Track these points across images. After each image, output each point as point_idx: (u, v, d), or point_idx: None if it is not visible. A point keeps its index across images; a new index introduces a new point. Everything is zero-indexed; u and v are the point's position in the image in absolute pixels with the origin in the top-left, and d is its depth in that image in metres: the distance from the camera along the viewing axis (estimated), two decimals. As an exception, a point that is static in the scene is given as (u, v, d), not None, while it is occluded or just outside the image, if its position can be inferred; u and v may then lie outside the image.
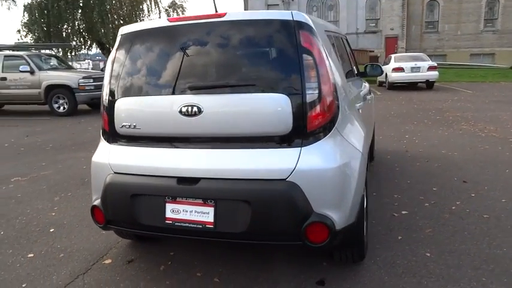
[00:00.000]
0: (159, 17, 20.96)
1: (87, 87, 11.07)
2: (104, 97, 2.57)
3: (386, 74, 15.69)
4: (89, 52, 22.56)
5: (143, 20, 20.15)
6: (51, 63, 12.31)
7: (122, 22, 18.81)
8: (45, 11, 17.50)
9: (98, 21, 17.58)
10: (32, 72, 10.98)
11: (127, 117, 2.45)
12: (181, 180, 2.27)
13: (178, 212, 2.28)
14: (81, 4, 18.13)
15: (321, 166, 2.15)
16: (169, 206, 2.30)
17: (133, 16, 19.79)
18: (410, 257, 2.72)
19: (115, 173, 2.46)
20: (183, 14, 21.67)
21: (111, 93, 2.52)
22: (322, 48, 2.25)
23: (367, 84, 4.38)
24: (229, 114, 2.22)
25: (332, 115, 2.23)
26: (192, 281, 2.58)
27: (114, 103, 2.49)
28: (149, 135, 2.41)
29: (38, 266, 2.88)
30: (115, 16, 19.06)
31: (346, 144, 2.29)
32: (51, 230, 3.46)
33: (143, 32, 2.47)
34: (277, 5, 29.75)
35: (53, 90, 10.96)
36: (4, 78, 11.17)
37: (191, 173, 2.26)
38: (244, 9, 29.74)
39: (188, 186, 2.24)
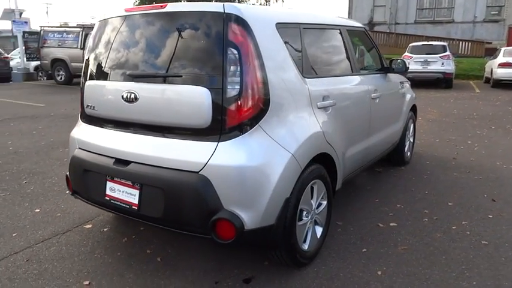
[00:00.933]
0: (257, 2, 21.19)
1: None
2: (81, 78, 2.83)
3: (492, 69, 13.87)
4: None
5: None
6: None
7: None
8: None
9: None
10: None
11: (89, 99, 2.67)
12: (117, 161, 2.43)
13: (114, 190, 2.45)
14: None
15: (234, 163, 2.11)
16: (108, 184, 2.48)
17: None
18: (357, 272, 2.51)
19: (79, 148, 2.72)
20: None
21: (84, 75, 2.77)
22: (254, 42, 2.16)
23: (393, 82, 4.00)
24: (158, 103, 2.29)
25: (255, 112, 2.15)
26: (139, 256, 2.75)
27: (84, 84, 2.73)
28: (102, 117, 2.61)
29: (35, 220, 3.34)
30: None
31: (270, 144, 2.19)
32: (66, 192, 3.94)
33: (108, 20, 2.64)
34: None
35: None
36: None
37: (124, 156, 2.40)
38: (349, 7, 28.51)
39: (122, 168, 2.39)
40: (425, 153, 5.35)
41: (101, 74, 2.62)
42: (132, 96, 2.36)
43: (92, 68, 2.69)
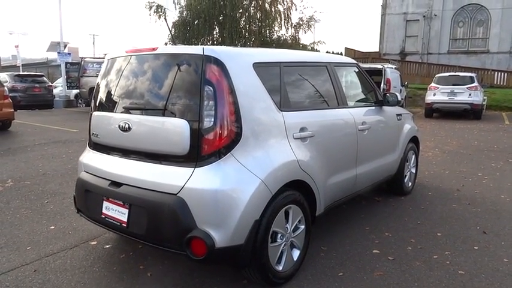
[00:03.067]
0: (287, 33, 21.88)
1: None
2: (90, 109, 3.22)
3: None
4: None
5: (272, 35, 21.40)
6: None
7: (253, 38, 20.36)
8: (188, 27, 20.21)
9: (228, 36, 19.46)
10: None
11: (94, 128, 3.05)
12: (112, 183, 2.75)
13: (109, 209, 2.76)
14: (215, 22, 20.31)
15: (207, 187, 2.37)
16: (105, 203, 2.80)
17: (264, 31, 21.12)
18: (327, 294, 2.66)
19: (84, 171, 3.09)
20: (309, 30, 22.25)
21: (93, 106, 3.16)
22: (228, 80, 2.46)
23: (387, 114, 4.17)
24: (146, 132, 2.63)
25: (228, 142, 2.43)
26: (131, 271, 3.02)
27: (91, 115, 3.12)
28: (103, 143, 2.97)
29: (49, 236, 3.70)
30: (247, 33, 20.70)
31: (241, 170, 2.44)
32: (79, 211, 4.32)
33: (113, 59, 3.04)
34: (418, 20, 27.97)
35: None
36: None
37: (118, 178, 2.72)
38: (381, 26, 28.75)
39: (115, 189, 2.71)
40: (430, 184, 5.38)
41: (104, 106, 3.00)
42: (126, 126, 2.71)
43: (98, 100, 3.08)
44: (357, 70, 4.02)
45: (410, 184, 4.93)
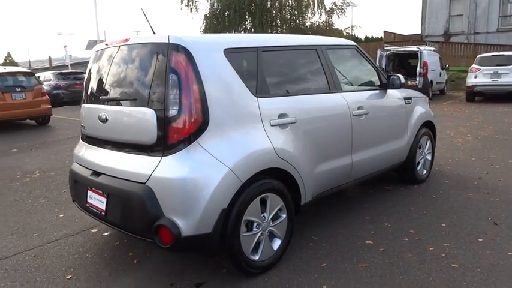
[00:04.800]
0: (320, 19, 21.37)
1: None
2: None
3: None
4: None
5: (305, 21, 20.99)
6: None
7: (284, 26, 20.10)
8: (218, 19, 20.31)
9: (259, 26, 19.33)
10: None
11: (82, 120, 3.14)
12: (93, 173, 2.83)
13: (92, 198, 2.85)
14: (246, 12, 20.23)
15: (172, 175, 2.37)
16: (89, 193, 2.89)
17: (296, 18, 20.76)
18: (303, 285, 2.59)
19: (75, 161, 3.19)
20: (342, 15, 21.54)
21: (83, 98, 3.25)
22: (194, 68, 2.43)
23: (391, 98, 3.96)
24: (119, 123, 2.66)
25: (193, 130, 2.40)
26: (120, 258, 3.11)
27: (82, 107, 3.21)
28: (88, 135, 3.05)
29: (56, 223, 3.89)
30: (278, 21, 20.48)
31: (207, 158, 2.41)
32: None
33: (97, 51, 3.10)
34: (463, -2, 26.22)
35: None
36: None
37: (97, 168, 2.79)
38: (422, 6, 27.29)
39: (95, 179, 2.78)
40: (450, 171, 5.07)
41: (89, 98, 3.08)
42: (104, 117, 2.76)
43: (85, 92, 3.16)
44: (356, 53, 3.83)
45: (425, 172, 4.67)
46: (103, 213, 2.72)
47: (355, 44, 3.86)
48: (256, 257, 2.68)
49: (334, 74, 3.39)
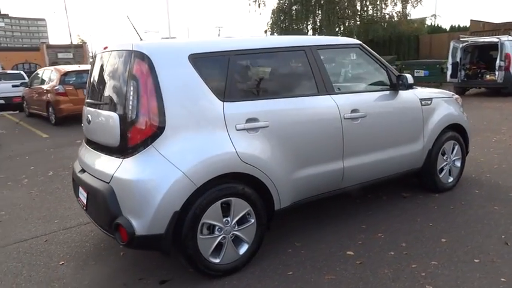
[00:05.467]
0: (394, 9, 20.10)
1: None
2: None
3: None
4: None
5: (376, 13, 19.94)
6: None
7: (352, 19, 19.35)
8: (285, 14, 20.19)
9: (325, 19, 18.83)
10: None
11: (82, 121, 3.42)
12: (80, 170, 3.08)
13: (80, 193, 3.11)
14: (316, 6, 19.80)
15: (128, 176, 2.51)
16: (79, 188, 3.15)
17: (367, 9, 19.84)
18: (258, 292, 2.56)
19: (77, 161, 3.50)
20: (419, 4, 20.03)
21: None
22: (153, 75, 2.51)
23: (402, 100, 3.66)
24: (97, 125, 2.88)
25: (149, 135, 2.50)
26: (112, 249, 3.34)
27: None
28: (84, 135, 3.31)
29: (76, 212, 4.26)
30: (349, 14, 19.72)
31: (161, 162, 2.49)
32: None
33: (94, 56, 3.34)
34: None
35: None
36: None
37: (84, 166, 3.04)
38: None
39: (81, 175, 3.03)
40: (488, 180, 4.54)
41: (86, 101, 3.34)
42: (89, 119, 2.99)
43: (86, 94, 3.44)
44: (360, 52, 3.61)
45: (451, 180, 4.25)
46: (85, 208, 2.96)
47: (358, 42, 3.63)
48: (217, 260, 2.71)
49: (325, 76, 3.24)
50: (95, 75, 3.12)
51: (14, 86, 13.77)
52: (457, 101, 4.35)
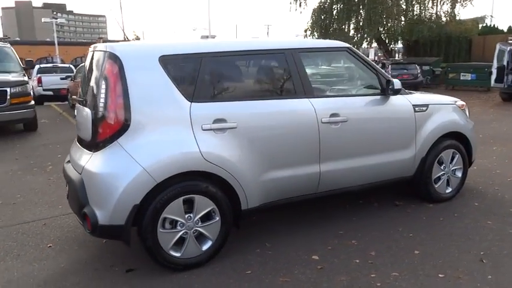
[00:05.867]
0: (442, 9, 19.15)
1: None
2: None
3: None
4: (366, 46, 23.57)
5: (422, 12, 19.09)
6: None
7: (396, 19, 18.64)
8: (326, 14, 19.85)
9: (366, 18, 18.28)
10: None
11: (78, 115, 3.67)
12: (67, 161, 3.31)
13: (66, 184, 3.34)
14: (360, 6, 19.27)
15: (94, 169, 2.69)
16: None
17: (413, 9, 19.04)
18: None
19: (73, 150, 3.75)
20: (469, 3, 18.89)
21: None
22: (121, 75, 2.67)
23: (390, 105, 3.57)
24: (79, 121, 3.08)
25: (115, 131, 2.67)
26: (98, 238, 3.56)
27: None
28: None
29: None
30: (395, 11, 19.02)
31: (124, 157, 2.63)
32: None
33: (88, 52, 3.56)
34: None
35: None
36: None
37: (70, 159, 3.26)
38: None
39: (65, 166, 3.26)
40: (494, 193, 4.30)
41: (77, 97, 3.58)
42: (75, 115, 3.21)
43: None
44: (348, 55, 3.55)
45: (449, 190, 4.08)
46: (67, 197, 3.18)
47: (346, 46, 3.56)
48: (178, 254, 2.83)
49: (305, 79, 3.24)
50: (84, 73, 3.34)
51: (61, 78, 14.73)
52: (461, 108, 4.16)
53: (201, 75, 2.91)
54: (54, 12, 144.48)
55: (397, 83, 3.47)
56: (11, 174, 5.73)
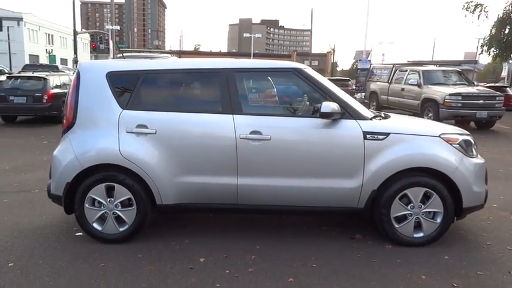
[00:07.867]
0: None
1: (452, 104, 11.01)
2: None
3: None
4: None
5: None
6: (452, 79, 12.75)
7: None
8: (510, 26, 16.39)
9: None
10: (419, 85, 12.26)
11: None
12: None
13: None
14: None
15: (54, 152, 3.68)
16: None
17: None
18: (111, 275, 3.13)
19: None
20: None
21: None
22: (77, 84, 3.57)
23: (326, 130, 3.40)
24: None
25: (66, 126, 3.60)
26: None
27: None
28: None
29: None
30: None
31: (67, 145, 3.52)
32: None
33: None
34: None
35: (426, 103, 11.78)
36: (402, 89, 13.18)
37: None
38: None
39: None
40: (493, 227, 3.43)
41: None
42: None
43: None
44: (294, 76, 3.54)
45: (420, 235, 3.52)
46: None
47: (294, 67, 3.56)
48: (100, 228, 3.56)
49: (234, 97, 3.49)
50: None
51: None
52: (450, 142, 3.49)
53: (137, 89, 3.58)
54: (268, 27, 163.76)
55: (324, 107, 3.30)
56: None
